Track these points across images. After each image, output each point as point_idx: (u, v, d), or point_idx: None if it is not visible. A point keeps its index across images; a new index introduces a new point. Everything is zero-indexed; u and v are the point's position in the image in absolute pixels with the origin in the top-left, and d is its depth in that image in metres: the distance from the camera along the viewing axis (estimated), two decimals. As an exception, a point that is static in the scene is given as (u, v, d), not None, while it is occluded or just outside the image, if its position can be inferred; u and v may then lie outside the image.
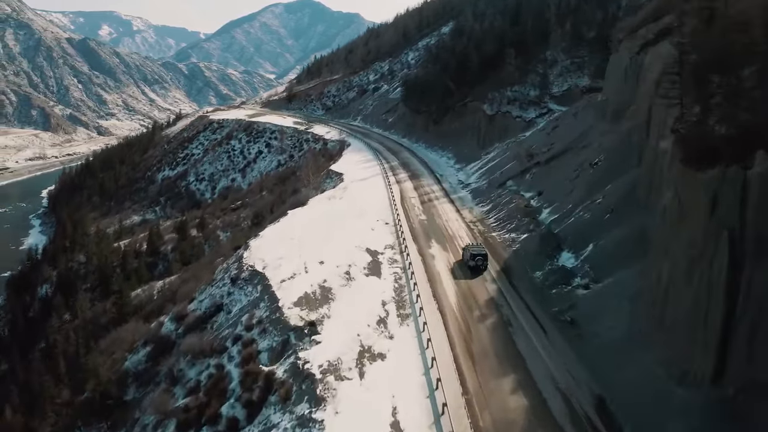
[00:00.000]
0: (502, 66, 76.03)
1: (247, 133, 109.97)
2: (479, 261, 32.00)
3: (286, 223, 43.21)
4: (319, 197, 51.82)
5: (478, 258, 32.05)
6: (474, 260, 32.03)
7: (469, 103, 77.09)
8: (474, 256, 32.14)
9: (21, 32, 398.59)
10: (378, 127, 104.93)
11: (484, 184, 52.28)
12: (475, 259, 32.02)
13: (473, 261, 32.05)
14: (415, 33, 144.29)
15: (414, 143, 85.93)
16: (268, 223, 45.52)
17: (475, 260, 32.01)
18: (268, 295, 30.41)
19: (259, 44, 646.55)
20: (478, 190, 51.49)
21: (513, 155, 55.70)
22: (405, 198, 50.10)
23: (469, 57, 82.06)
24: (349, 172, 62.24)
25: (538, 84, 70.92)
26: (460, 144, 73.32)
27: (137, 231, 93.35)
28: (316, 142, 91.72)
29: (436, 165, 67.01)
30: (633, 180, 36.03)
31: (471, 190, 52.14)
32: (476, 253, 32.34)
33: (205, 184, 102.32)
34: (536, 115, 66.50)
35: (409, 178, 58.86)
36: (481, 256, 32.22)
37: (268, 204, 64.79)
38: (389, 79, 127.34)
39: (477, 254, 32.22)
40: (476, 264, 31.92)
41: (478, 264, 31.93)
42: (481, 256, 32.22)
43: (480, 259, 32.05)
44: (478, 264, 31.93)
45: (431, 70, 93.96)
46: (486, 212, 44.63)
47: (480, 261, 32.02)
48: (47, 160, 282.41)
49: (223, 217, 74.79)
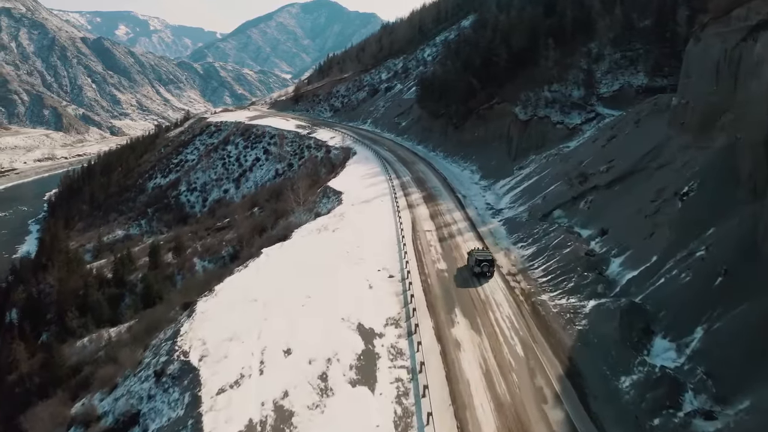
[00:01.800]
0: (535, 61, 63.67)
1: (245, 138, 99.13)
2: (485, 267, 29.98)
3: (254, 272, 31.73)
4: (308, 227, 40.26)
5: (483, 264, 30.01)
6: (479, 266, 29.98)
7: (496, 105, 64.82)
8: (479, 261, 30.06)
9: (35, 32, 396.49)
10: (389, 131, 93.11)
11: (522, 213, 40.09)
12: (481, 265, 29.97)
13: (479, 267, 29.97)
14: (432, 27, 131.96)
15: (430, 152, 73.96)
16: (235, 269, 34.06)
17: (481, 266, 29.96)
18: (193, 420, 18.91)
19: (275, 44, 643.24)
20: (514, 221, 39.30)
21: (558, 173, 43.45)
22: (418, 231, 38.20)
23: (495, 51, 69.71)
24: (350, 191, 50.62)
25: (581, 82, 58.41)
26: (485, 154, 61.19)
27: (117, 249, 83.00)
28: (319, 149, 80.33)
29: (457, 181, 54.97)
30: (749, 223, 24.06)
31: (504, 221, 40.00)
32: (482, 258, 30.22)
33: (196, 195, 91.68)
34: (581, 120, 54.08)
35: (424, 200, 46.95)
36: (487, 261, 30.08)
37: (255, 227, 53.58)
38: (403, 78, 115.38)
39: (483, 260, 30.13)
40: (482, 270, 29.93)
41: (484, 270, 29.93)
42: (487, 261, 30.08)
43: (486, 265, 30.00)
44: (484, 270, 29.93)
45: (450, 67, 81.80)
46: (529, 258, 32.50)
47: (486, 267, 29.99)
48: (56, 161, 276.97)
49: (205, 240, 63.80)
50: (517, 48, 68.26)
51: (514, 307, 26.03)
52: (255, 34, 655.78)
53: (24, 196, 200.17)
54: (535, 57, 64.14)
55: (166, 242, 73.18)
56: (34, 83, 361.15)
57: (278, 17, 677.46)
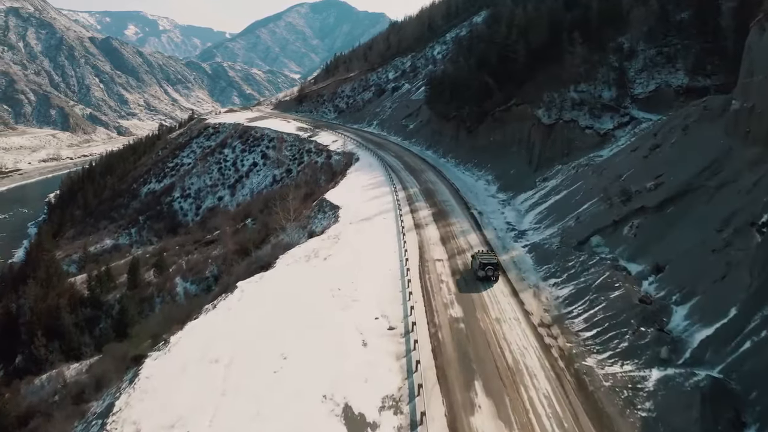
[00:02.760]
0: (559, 58, 57.06)
1: (243, 141, 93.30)
2: (489, 271, 28.47)
3: (223, 316, 25.64)
4: (297, 253, 34.11)
5: (488, 268, 28.50)
6: (484, 270, 28.48)
7: (514, 107, 58.28)
8: (484, 265, 28.54)
9: (43, 31, 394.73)
10: (396, 134, 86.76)
11: (552, 238, 33.59)
12: (485, 269, 28.50)
13: (483, 271, 28.46)
14: (442, 24, 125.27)
15: (440, 158, 67.54)
16: (203, 308, 27.97)
17: (485, 270, 28.48)
18: None
19: (284, 44, 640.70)
20: (542, 247, 32.78)
21: (592, 189, 36.92)
22: (426, 261, 31.88)
23: (513, 48, 63.16)
24: (349, 205, 44.44)
25: (612, 82, 51.72)
26: (503, 162, 54.73)
27: (103, 260, 77.52)
28: (319, 155, 74.24)
29: (471, 194, 48.53)
30: None
31: (530, 247, 33.51)
32: (486, 261, 28.67)
33: (189, 202, 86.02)
34: (614, 125, 47.41)
35: (434, 218, 40.60)
36: (491, 265, 28.57)
37: (242, 246, 47.57)
38: (411, 77, 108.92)
39: (487, 263, 28.61)
40: (486, 274, 28.43)
41: (488, 274, 28.45)
42: (491, 265, 28.57)
43: (491, 269, 28.49)
44: (488, 274, 28.45)
45: (463, 65, 75.37)
46: (565, 302, 26.01)
47: (491, 271, 28.47)
48: (61, 162, 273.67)
49: (192, 255, 57.91)
50: (536, 44, 61.68)
51: (552, 378, 19.64)
52: (264, 34, 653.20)
53: (26, 198, 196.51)
54: (558, 53, 57.57)
55: (152, 255, 67.57)
56: (42, 83, 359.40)
57: (287, 17, 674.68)
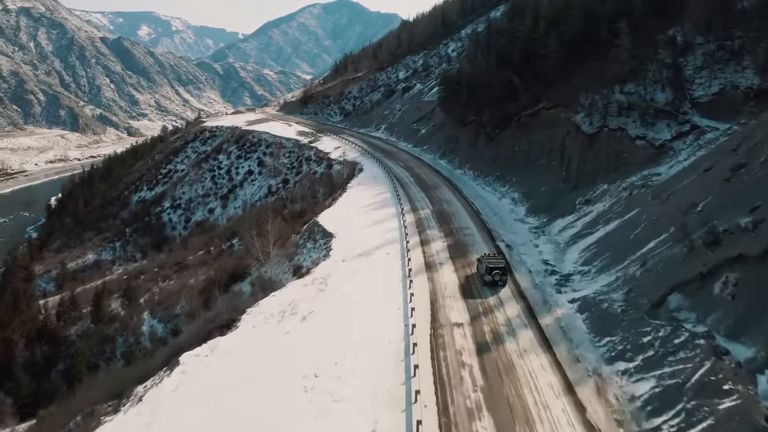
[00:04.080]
0: (598, 53, 48.27)
1: (239, 146, 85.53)
2: (497, 275, 26.45)
3: (145, 423, 17.42)
4: (268, 307, 25.83)
5: (495, 272, 26.47)
6: (491, 274, 26.45)
7: (544, 110, 49.48)
8: (491, 269, 26.52)
9: (54, 31, 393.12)
10: (407, 140, 78.25)
11: (610, 290, 24.80)
12: (492, 273, 26.44)
13: (489, 275, 26.44)
14: (457, 19, 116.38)
15: (456, 169, 58.91)
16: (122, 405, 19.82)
17: (492, 274, 26.44)
18: None
19: (296, 45, 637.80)
20: (599, 307, 23.97)
21: (657, 220, 28.10)
22: (440, 327, 23.30)
23: (541, 42, 54.37)
24: (344, 233, 36.12)
25: (666, 81, 42.75)
26: (531, 176, 46.00)
27: (81, 279, 70.18)
28: (319, 164, 66.06)
29: (495, 218, 39.86)
30: None
31: (581, 304, 24.76)
32: (493, 266, 26.64)
33: (179, 213, 78.45)
34: (672, 135, 38.46)
35: (450, 254, 32.07)
36: (499, 269, 26.55)
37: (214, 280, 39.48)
38: (423, 77, 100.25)
39: (494, 267, 26.59)
40: (493, 279, 26.44)
41: (495, 279, 26.44)
42: (499, 269, 26.55)
43: (498, 274, 26.45)
44: (495, 279, 26.44)
45: (481, 62, 66.62)
46: (646, 408, 17.30)
47: (498, 275, 26.45)
48: (68, 163, 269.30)
49: (169, 282, 50.08)
50: (570, 37, 52.85)
51: None
52: (276, 34, 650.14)
53: (29, 200, 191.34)
54: (597, 48, 48.75)
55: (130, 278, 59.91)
56: (52, 83, 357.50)
57: (300, 18, 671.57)
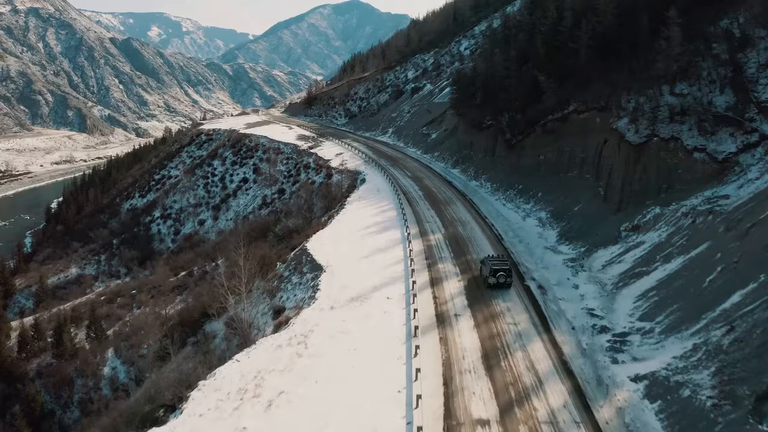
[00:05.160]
0: (637, 47, 41.25)
1: (235, 151, 79.37)
2: (501, 277, 25.14)
3: None
4: (224, 382, 19.26)
5: (500, 274, 25.13)
6: (495, 276, 25.14)
7: (574, 114, 42.41)
8: (495, 271, 25.13)
9: (63, 32, 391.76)
10: (415, 145, 71.49)
11: (689, 367, 17.88)
12: (497, 276, 25.12)
13: (494, 278, 25.14)
14: (470, 15, 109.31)
15: (471, 180, 52.01)
16: None
17: (497, 276, 25.12)
18: None
19: (306, 45, 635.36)
20: (676, 395, 17.05)
21: (738, 261, 21.07)
22: (457, 426, 16.54)
23: (569, 34, 47.30)
24: (337, 266, 29.46)
25: (725, 81, 35.63)
26: (561, 192, 39.02)
27: (61, 296, 64.28)
28: (318, 172, 59.57)
29: (521, 245, 32.93)
30: None
31: (648, 385, 17.86)
32: (498, 267, 25.24)
33: (169, 224, 72.39)
34: (738, 147, 31.26)
35: (467, 299, 25.14)
36: (503, 271, 25.19)
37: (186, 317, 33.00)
38: (434, 77, 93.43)
39: (499, 269, 25.19)
40: (497, 281, 25.18)
41: (500, 281, 25.19)
42: (503, 271, 25.19)
43: (503, 275, 25.14)
44: (500, 281, 25.19)
45: (499, 59, 59.71)
46: None
47: (503, 278, 25.15)
48: (74, 164, 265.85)
49: (143, 310, 43.73)
50: (604, 28, 45.75)
51: None
52: (286, 35, 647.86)
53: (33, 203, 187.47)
54: (638, 40, 41.71)
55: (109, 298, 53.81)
56: (60, 84, 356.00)
57: (310, 18, 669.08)
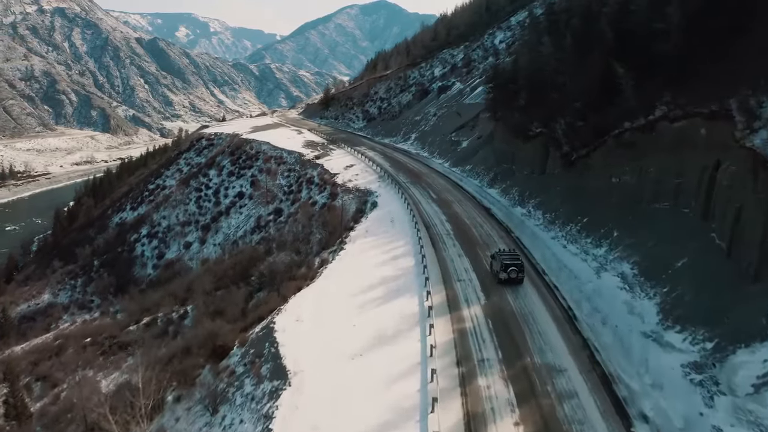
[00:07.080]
0: (754, 32, 28.83)
1: (233, 160, 69.34)
2: (513, 273, 23.99)
3: None
4: None
5: (512, 269, 23.97)
6: (506, 271, 23.95)
7: (666, 121, 30.07)
8: (507, 266, 23.99)
9: (88, 31, 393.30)
10: (442, 156, 59.80)
11: None
12: (508, 270, 23.94)
13: (505, 273, 23.94)
14: (505, 5, 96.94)
15: (516, 205, 40.00)
16: None
17: (508, 272, 23.93)
18: None
19: (333, 46, 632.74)
20: None
21: None
22: None
23: (653, 16, 34.93)
24: (310, 374, 18.22)
25: None
26: (648, 232, 26.90)
27: (24, 331, 54.90)
28: (321, 189, 48.65)
29: (602, 324, 21.16)
30: None
31: None
32: (509, 262, 24.17)
33: (154, 244, 62.69)
34: None
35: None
36: (515, 266, 24.09)
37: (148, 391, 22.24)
38: (464, 74, 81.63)
39: (511, 264, 24.10)
40: (509, 276, 23.97)
41: (512, 277, 24.01)
42: (515, 266, 24.09)
43: (514, 271, 24.01)
44: (512, 277, 24.01)
45: (549, 50, 47.60)
46: None
47: (514, 273, 24.02)
48: (94, 165, 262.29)
49: (85, 373, 33.40)
50: (698, 6, 33.25)
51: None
52: (314, 35, 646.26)
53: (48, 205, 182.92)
54: (754, 19, 29.33)
55: (62, 344, 43.80)
56: (85, 83, 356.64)
57: (337, 19, 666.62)
